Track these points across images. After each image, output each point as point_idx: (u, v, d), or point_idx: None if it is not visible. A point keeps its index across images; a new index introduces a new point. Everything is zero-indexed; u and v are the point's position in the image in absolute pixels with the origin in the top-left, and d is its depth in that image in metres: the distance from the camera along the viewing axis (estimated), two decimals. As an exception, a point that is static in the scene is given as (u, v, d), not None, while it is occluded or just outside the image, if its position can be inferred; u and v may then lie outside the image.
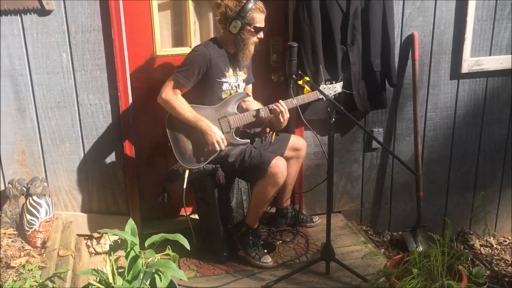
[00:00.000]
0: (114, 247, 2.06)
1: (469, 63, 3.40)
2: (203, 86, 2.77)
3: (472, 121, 3.59)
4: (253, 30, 2.71)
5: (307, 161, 3.35)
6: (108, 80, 2.90)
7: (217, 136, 2.72)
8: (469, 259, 3.43)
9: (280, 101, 2.77)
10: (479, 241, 3.75)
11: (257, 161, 2.72)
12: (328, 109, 2.56)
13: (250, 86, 3.04)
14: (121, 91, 2.92)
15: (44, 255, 2.63)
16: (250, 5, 2.66)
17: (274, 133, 2.91)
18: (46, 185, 2.89)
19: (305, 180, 3.41)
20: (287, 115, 2.78)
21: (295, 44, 2.68)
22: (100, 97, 2.92)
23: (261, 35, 2.77)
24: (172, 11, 3.10)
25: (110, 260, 1.99)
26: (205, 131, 2.72)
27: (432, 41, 3.33)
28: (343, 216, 3.53)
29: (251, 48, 2.77)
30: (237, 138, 2.85)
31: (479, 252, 3.63)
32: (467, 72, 3.42)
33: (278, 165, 2.69)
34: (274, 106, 2.76)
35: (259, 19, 2.71)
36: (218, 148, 2.74)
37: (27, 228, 2.71)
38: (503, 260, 3.55)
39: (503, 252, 3.69)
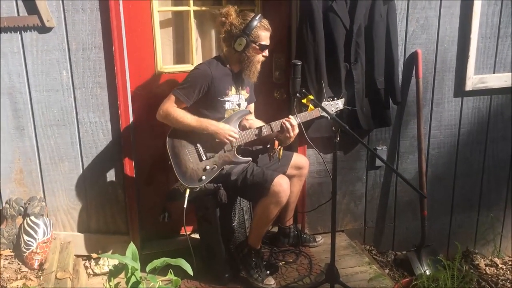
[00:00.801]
0: (114, 272, 2.01)
1: (473, 80, 3.38)
2: (205, 104, 2.73)
3: (476, 139, 3.56)
4: (258, 47, 2.68)
5: (310, 180, 3.30)
6: (109, 98, 2.86)
7: (227, 130, 2.68)
8: (475, 280, 3.36)
9: (290, 116, 2.73)
10: (484, 261, 3.69)
11: (260, 179, 2.67)
12: (333, 128, 2.51)
13: (252, 105, 3.01)
14: (121, 109, 2.88)
15: (42, 277, 2.56)
16: (255, 22, 2.63)
17: (282, 149, 2.86)
18: (44, 205, 2.83)
19: (308, 199, 3.36)
20: (297, 130, 2.73)
21: (299, 62, 2.64)
22: (100, 115, 2.88)
23: (266, 53, 2.74)
24: (174, 28, 3.08)
25: (110, 286, 1.93)
26: (213, 131, 2.67)
27: (435, 59, 3.31)
28: (346, 236, 3.48)
29: (257, 66, 2.74)
30: (239, 156, 2.80)
31: (484, 272, 3.57)
32: (471, 89, 3.40)
33: (281, 184, 2.64)
34: (284, 121, 2.72)
35: (264, 37, 2.68)
36: (232, 140, 2.69)
37: (24, 250, 2.65)
38: (508, 281, 3.48)
39: (508, 272, 3.63)
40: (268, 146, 2.82)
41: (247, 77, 2.76)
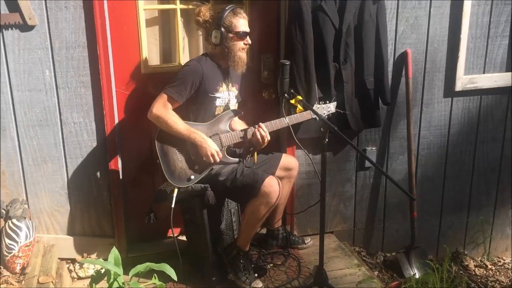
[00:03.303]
0: (97, 278, 1.96)
1: (463, 81, 3.36)
2: (196, 102, 2.69)
3: (466, 140, 3.54)
4: (235, 35, 2.64)
5: (299, 181, 3.26)
6: (93, 97, 2.80)
7: (212, 149, 2.63)
8: (464, 281, 3.34)
9: (261, 124, 2.69)
10: (473, 262, 3.68)
11: (250, 180, 2.63)
12: (322, 129, 2.48)
13: (236, 104, 2.96)
14: (106, 109, 2.82)
15: (23, 282, 2.50)
16: (226, 12, 2.62)
17: (256, 153, 2.82)
18: (26, 207, 2.77)
19: (296, 200, 3.32)
20: (267, 138, 2.70)
21: (287, 62, 2.60)
22: (84, 115, 2.82)
23: (247, 40, 2.70)
24: (160, 26, 3.02)
25: (92, 292, 1.88)
26: (199, 144, 2.62)
27: (425, 59, 3.28)
28: (336, 237, 3.44)
29: (241, 55, 2.69)
30: (228, 157, 2.76)
31: (473, 273, 3.55)
32: (461, 90, 3.38)
33: (272, 184, 2.60)
34: (255, 130, 2.69)
35: (239, 24, 2.64)
36: (213, 161, 2.64)
37: (5, 253, 2.58)
38: (498, 282, 3.47)
39: (498, 273, 3.62)
40: (242, 151, 2.79)
41: (233, 68, 2.72)
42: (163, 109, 2.60)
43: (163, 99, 2.61)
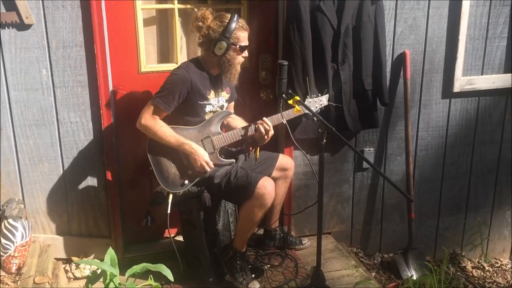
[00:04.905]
0: (93, 279, 1.95)
1: (461, 82, 3.36)
2: (184, 108, 2.66)
3: (464, 141, 3.54)
4: (238, 49, 2.62)
5: (296, 181, 3.26)
6: (90, 97, 2.79)
7: (203, 158, 2.62)
8: (462, 282, 3.35)
9: (264, 118, 2.68)
10: (471, 263, 3.68)
11: (244, 182, 2.62)
12: (319, 130, 2.47)
13: (232, 103, 2.95)
14: (103, 108, 2.81)
15: (19, 282, 2.49)
16: (234, 24, 2.56)
17: (258, 149, 2.81)
18: (22, 207, 2.76)
19: (294, 201, 3.31)
20: (271, 132, 2.70)
21: (285, 63, 2.59)
22: (81, 115, 2.81)
23: (246, 53, 2.68)
24: (158, 26, 3.01)
25: (88, 292, 1.87)
26: (190, 154, 2.61)
27: (424, 60, 3.28)
28: (333, 238, 3.44)
29: (238, 68, 2.68)
30: (222, 158, 2.75)
31: (471, 274, 3.56)
32: (459, 91, 3.38)
33: (265, 186, 2.58)
34: (259, 125, 2.67)
35: (243, 37, 2.62)
36: (204, 171, 2.63)
37: (1, 253, 2.58)
38: (495, 283, 3.47)
39: (495, 274, 3.63)
40: (244, 147, 2.77)
41: (227, 80, 2.69)
42: (152, 120, 2.58)
43: (151, 109, 2.59)
